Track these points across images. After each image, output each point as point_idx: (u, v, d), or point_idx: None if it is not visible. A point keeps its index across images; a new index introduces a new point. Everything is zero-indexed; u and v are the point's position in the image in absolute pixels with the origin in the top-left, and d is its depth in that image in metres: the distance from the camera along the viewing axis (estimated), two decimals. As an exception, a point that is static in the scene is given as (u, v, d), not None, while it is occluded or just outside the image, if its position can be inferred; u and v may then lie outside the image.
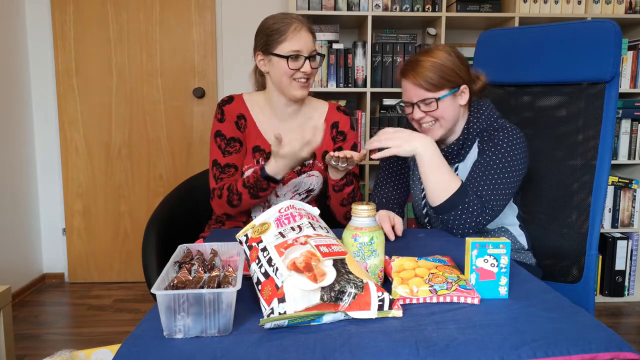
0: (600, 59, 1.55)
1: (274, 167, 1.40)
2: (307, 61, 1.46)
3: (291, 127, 1.59)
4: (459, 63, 1.41)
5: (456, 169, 1.49)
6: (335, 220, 1.81)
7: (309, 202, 1.63)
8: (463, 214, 1.33)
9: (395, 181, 1.62)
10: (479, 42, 1.81)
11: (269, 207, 1.58)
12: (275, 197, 1.59)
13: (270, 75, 1.53)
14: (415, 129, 1.48)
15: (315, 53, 1.49)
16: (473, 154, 1.47)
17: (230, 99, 1.58)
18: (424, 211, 1.57)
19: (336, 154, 1.37)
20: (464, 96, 1.43)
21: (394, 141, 1.34)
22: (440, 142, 1.47)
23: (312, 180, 1.60)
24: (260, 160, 1.56)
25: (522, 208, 1.64)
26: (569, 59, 1.62)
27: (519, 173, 1.40)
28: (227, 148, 1.53)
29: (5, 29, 2.77)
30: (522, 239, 1.56)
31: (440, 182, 1.34)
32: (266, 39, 1.49)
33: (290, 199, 1.57)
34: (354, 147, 1.65)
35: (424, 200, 1.55)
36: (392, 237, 1.28)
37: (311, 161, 1.60)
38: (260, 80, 1.63)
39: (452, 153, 1.46)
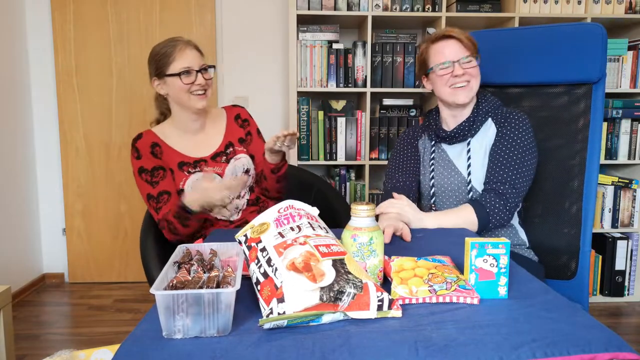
0: (588, 61, 1.60)
1: (187, 197, 1.55)
2: (199, 74, 1.59)
3: (203, 138, 1.71)
4: None
5: (468, 143, 1.57)
6: (335, 220, 1.81)
7: (252, 184, 1.75)
8: (495, 215, 1.45)
9: (406, 170, 1.66)
10: None
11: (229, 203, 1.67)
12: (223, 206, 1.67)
13: (170, 96, 1.64)
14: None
15: (205, 66, 1.61)
16: (485, 131, 1.56)
17: (139, 136, 1.66)
18: (432, 201, 1.62)
19: (283, 133, 1.49)
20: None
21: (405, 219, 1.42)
22: (451, 121, 1.60)
23: (242, 161, 1.72)
24: (190, 170, 1.65)
25: None
26: (556, 60, 1.66)
27: (534, 152, 1.52)
28: (154, 179, 1.62)
29: (5, 29, 2.77)
30: (523, 235, 1.60)
31: (463, 223, 1.44)
32: (156, 64, 1.61)
33: None
34: (258, 131, 1.81)
35: (433, 190, 1.61)
36: (387, 240, 1.28)
37: (231, 149, 1.72)
38: (163, 107, 1.74)
39: (464, 130, 1.55)
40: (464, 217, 1.44)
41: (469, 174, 1.54)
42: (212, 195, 1.50)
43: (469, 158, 1.55)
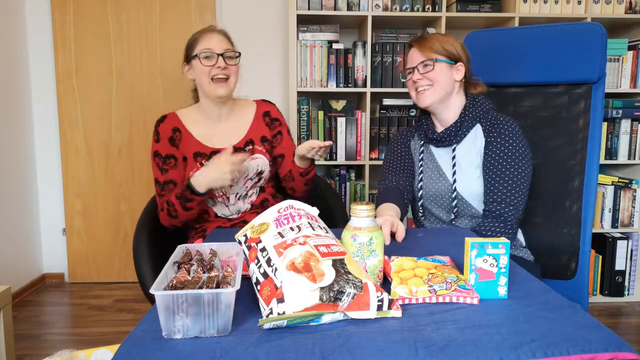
0: (588, 60, 1.61)
1: (196, 176, 1.52)
2: (221, 57, 1.57)
3: (224, 128, 1.69)
4: (463, 50, 1.56)
5: (454, 150, 1.56)
6: (335, 220, 1.81)
7: (263, 185, 1.72)
8: (496, 236, 1.44)
9: (402, 168, 1.66)
10: (465, 42, 1.83)
11: (228, 199, 1.67)
12: (229, 187, 1.65)
13: (196, 83, 1.64)
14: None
15: (229, 51, 1.59)
16: (472, 139, 1.55)
17: (163, 118, 1.66)
18: (420, 203, 1.62)
19: (319, 145, 1.47)
20: (459, 72, 1.54)
21: None
22: (439, 124, 1.60)
23: (258, 162, 1.68)
24: (203, 163, 1.63)
25: None
26: (556, 60, 1.66)
27: (528, 160, 1.50)
28: (164, 166, 1.62)
29: (5, 29, 2.77)
30: (520, 236, 1.61)
31: None
32: (187, 50, 1.63)
33: (244, 185, 1.67)
34: (288, 131, 1.78)
35: (421, 192, 1.61)
36: (387, 242, 1.28)
37: (250, 146, 1.69)
38: (197, 98, 1.73)
39: (449, 135, 1.55)
40: None
41: (454, 181, 1.54)
42: (223, 169, 1.48)
43: (454, 165, 1.55)
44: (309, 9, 2.58)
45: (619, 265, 2.76)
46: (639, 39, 2.71)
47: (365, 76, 2.66)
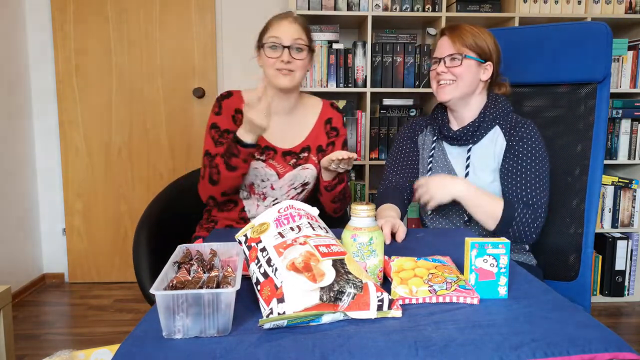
0: (593, 60, 1.59)
1: (240, 129, 1.42)
2: (286, 50, 1.47)
3: (285, 122, 1.60)
4: (495, 48, 1.50)
5: (469, 150, 1.52)
6: (334, 220, 1.81)
7: (305, 197, 1.66)
8: (520, 226, 1.40)
9: (405, 167, 1.63)
10: None
11: (264, 199, 1.61)
12: (271, 189, 1.60)
13: (264, 71, 1.56)
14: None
15: (299, 43, 1.48)
16: (490, 141, 1.51)
17: (229, 94, 1.60)
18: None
19: (338, 156, 1.38)
20: (486, 72, 1.49)
21: (430, 192, 1.42)
22: (455, 121, 1.56)
23: (307, 173, 1.61)
24: (256, 156, 1.56)
25: None
26: (561, 60, 1.65)
27: (548, 165, 1.46)
28: (220, 139, 1.54)
29: (5, 29, 2.77)
30: None
31: (486, 210, 1.41)
32: (259, 36, 1.55)
33: (286, 192, 1.61)
34: (345, 143, 1.68)
35: None
36: (387, 241, 1.28)
37: (306, 154, 1.61)
38: None
39: (467, 134, 1.51)
40: (493, 207, 1.40)
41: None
42: (248, 115, 1.35)
43: (467, 166, 1.50)
44: (309, 9, 2.58)
45: (619, 265, 2.77)
46: (639, 39, 2.71)
47: (365, 76, 2.66)
